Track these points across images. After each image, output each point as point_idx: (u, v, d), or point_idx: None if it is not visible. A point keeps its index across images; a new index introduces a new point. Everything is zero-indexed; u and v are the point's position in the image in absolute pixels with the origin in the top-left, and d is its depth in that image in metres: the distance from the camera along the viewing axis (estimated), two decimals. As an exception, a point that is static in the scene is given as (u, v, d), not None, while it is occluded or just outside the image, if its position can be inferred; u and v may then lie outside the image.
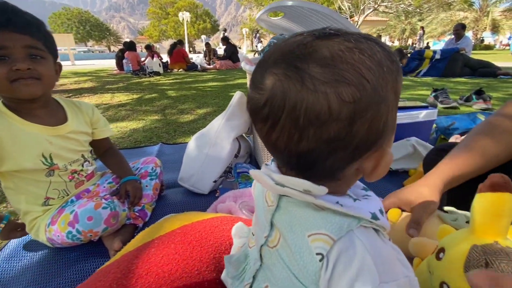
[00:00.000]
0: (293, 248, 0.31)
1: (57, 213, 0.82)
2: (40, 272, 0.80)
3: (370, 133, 0.27)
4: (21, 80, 0.71)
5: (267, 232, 0.35)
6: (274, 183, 0.30)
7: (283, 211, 0.34)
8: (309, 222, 0.30)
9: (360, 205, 0.30)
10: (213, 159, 1.14)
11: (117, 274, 0.53)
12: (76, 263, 0.83)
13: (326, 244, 0.28)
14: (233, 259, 0.43)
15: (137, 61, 6.66)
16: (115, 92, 3.96)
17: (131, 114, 2.64)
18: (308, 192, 0.29)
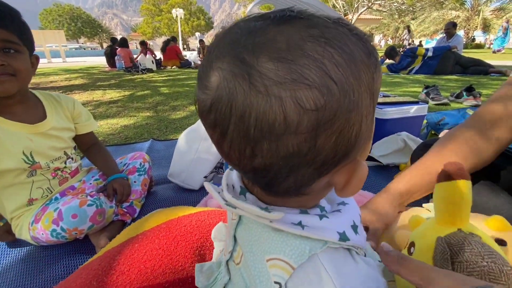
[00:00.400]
0: (252, 270, 0.28)
1: (41, 210, 0.80)
2: (24, 269, 0.78)
3: (338, 147, 0.21)
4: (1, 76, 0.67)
5: (231, 247, 0.33)
6: (225, 203, 0.27)
7: (244, 227, 0.31)
8: (267, 244, 0.27)
9: (327, 224, 0.27)
10: (204, 154, 1.13)
11: (98, 271, 0.52)
12: (61, 259, 0.81)
13: (285, 273, 0.25)
14: (205, 268, 0.40)
15: (129, 58, 6.57)
16: (107, 89, 3.89)
17: (122, 111, 2.60)
18: (260, 218, 0.26)
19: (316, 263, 0.25)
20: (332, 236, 0.26)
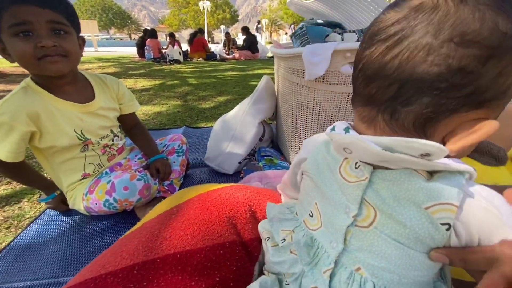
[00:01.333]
0: (407, 222, 0.29)
1: (94, 183, 0.86)
2: (75, 236, 0.85)
3: (493, 83, 0.24)
4: (48, 57, 0.69)
5: (355, 211, 0.32)
6: (382, 148, 0.26)
7: (379, 187, 0.30)
8: (421, 194, 0.28)
9: (451, 161, 0.28)
10: (239, 140, 1.16)
11: (142, 238, 0.55)
12: (109, 230, 0.88)
13: (450, 213, 0.27)
14: (302, 243, 0.38)
15: (158, 48, 6.76)
16: (138, 77, 4.05)
17: (154, 99, 2.70)
18: (425, 157, 0.26)
19: (471, 195, 0.27)
20: (465, 167, 0.28)
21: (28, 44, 0.66)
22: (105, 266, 0.49)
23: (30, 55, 0.67)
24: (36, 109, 0.73)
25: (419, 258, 0.30)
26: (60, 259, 0.76)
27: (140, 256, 0.50)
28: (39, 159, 0.85)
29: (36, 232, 0.85)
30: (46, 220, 0.91)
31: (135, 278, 0.46)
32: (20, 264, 0.74)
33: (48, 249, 0.79)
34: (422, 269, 0.30)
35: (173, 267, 0.48)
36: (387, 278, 0.31)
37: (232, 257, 0.51)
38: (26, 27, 0.66)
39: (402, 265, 0.30)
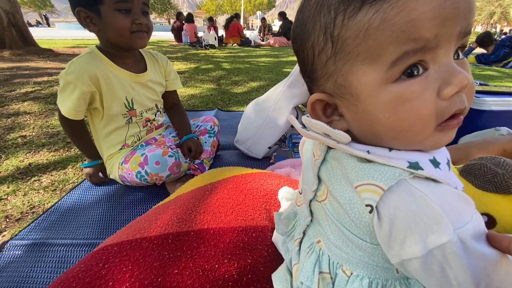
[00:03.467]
0: (341, 201, 0.29)
1: (130, 153, 0.90)
2: (110, 204, 0.90)
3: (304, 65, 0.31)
4: (139, 32, 0.80)
5: (315, 186, 0.34)
6: (301, 126, 0.29)
7: (329, 164, 0.32)
8: (355, 173, 0.28)
9: (397, 154, 0.26)
10: (271, 125, 1.12)
11: (176, 210, 0.57)
12: (142, 201, 0.91)
13: (375, 195, 0.25)
14: (283, 216, 0.43)
15: (194, 33, 6.85)
16: (174, 61, 4.15)
17: (189, 81, 2.76)
18: (328, 137, 0.27)
19: (406, 186, 0.25)
20: (399, 163, 0.25)
21: (127, 19, 0.77)
22: (140, 231, 0.50)
23: (127, 29, 0.78)
24: (96, 72, 0.81)
25: (356, 241, 0.29)
26: (96, 224, 0.80)
27: (174, 227, 0.51)
28: (91, 128, 0.93)
29: (77, 197, 0.92)
30: (86, 187, 0.97)
31: (169, 247, 0.47)
32: (62, 223, 0.80)
33: (86, 213, 0.85)
34: (366, 252, 0.29)
35: (206, 242, 0.48)
36: (338, 254, 0.32)
37: (264, 241, 0.50)
38: (128, 4, 0.76)
39: (345, 244, 0.31)
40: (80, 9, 0.76)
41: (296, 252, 0.38)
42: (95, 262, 0.45)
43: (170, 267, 0.43)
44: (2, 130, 1.43)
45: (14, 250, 0.70)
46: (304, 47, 0.28)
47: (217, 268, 0.43)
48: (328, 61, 0.27)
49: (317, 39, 0.26)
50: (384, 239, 0.26)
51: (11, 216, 0.84)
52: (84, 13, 0.76)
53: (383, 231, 0.25)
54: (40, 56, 4.04)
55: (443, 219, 0.22)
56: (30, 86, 2.31)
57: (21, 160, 1.14)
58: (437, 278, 0.23)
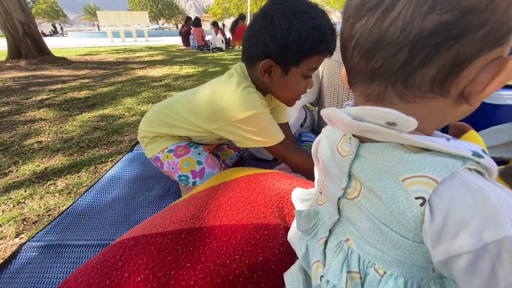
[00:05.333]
0: (383, 196, 0.27)
1: (183, 147, 0.87)
2: (123, 206, 0.91)
3: (506, 17, 0.21)
4: (299, 97, 0.78)
5: (345, 184, 0.32)
6: (351, 118, 0.26)
7: (364, 160, 0.30)
8: (401, 166, 0.26)
9: (456, 144, 0.25)
10: (279, 125, 1.12)
11: (190, 207, 0.58)
12: (155, 202, 0.92)
13: (428, 187, 0.24)
14: (304, 213, 0.41)
15: (202, 36, 6.94)
16: (183, 64, 4.21)
17: (197, 84, 2.78)
18: (392, 126, 0.25)
19: (460, 178, 0.23)
20: (465, 152, 0.24)
21: (303, 84, 0.74)
22: (155, 226, 0.52)
23: (300, 93, 0.77)
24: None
25: (396, 238, 0.27)
26: (109, 225, 0.82)
27: (188, 223, 0.52)
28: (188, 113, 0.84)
29: (91, 199, 0.94)
30: (99, 189, 0.99)
31: (183, 242, 0.48)
32: (76, 225, 0.82)
33: (100, 214, 0.87)
34: (405, 250, 0.28)
35: (218, 238, 0.48)
36: (371, 252, 0.30)
37: (275, 240, 0.50)
38: (314, 72, 0.74)
39: (381, 242, 0.29)
40: (269, 61, 0.70)
41: (321, 251, 0.36)
42: (112, 254, 0.47)
43: (183, 261, 0.44)
44: (20, 137, 1.48)
45: (31, 251, 0.72)
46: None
47: (228, 263, 0.44)
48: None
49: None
50: (433, 234, 0.24)
51: (28, 219, 0.86)
52: (269, 65, 0.70)
53: (435, 225, 0.24)
54: (54, 65, 4.18)
55: (501, 214, 0.21)
56: (45, 93, 2.39)
57: (37, 165, 1.18)
58: (483, 278, 0.22)
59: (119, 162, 1.16)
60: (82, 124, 1.65)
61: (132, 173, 1.08)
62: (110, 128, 1.59)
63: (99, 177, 1.07)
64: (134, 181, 1.04)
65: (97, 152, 1.29)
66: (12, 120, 1.73)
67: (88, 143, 1.39)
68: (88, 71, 3.60)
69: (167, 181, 1.03)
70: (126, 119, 1.77)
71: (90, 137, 1.46)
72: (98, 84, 2.81)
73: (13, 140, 1.43)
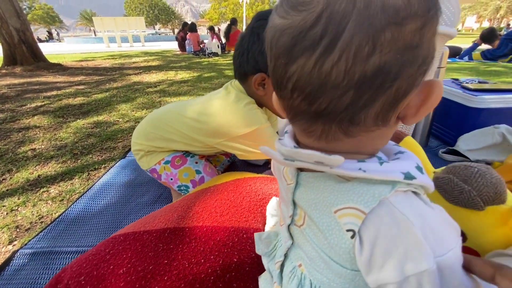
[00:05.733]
0: (320, 226, 0.28)
1: (179, 157, 0.88)
2: (115, 212, 0.93)
3: (430, 47, 0.22)
4: None
5: (291, 211, 0.33)
6: (283, 158, 0.27)
7: (303, 189, 0.30)
8: (333, 196, 0.27)
9: (388, 167, 0.25)
10: (269, 130, 1.15)
11: (178, 208, 0.62)
12: (145, 208, 0.94)
13: (357, 219, 0.24)
14: (264, 236, 0.42)
15: (197, 41, 6.98)
16: (178, 70, 4.24)
17: (192, 90, 2.81)
18: (320, 165, 0.25)
19: (388, 207, 0.24)
20: (395, 175, 0.24)
21: None
22: (145, 225, 0.56)
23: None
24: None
25: (336, 267, 0.28)
26: (101, 231, 0.84)
27: (173, 223, 0.56)
28: (190, 123, 0.85)
29: (83, 206, 0.95)
30: (92, 196, 1.01)
31: (165, 240, 0.51)
32: (69, 232, 0.84)
33: (92, 221, 0.88)
34: (347, 278, 0.28)
35: (198, 238, 0.51)
36: (319, 278, 0.31)
37: (253, 243, 0.52)
38: None
39: (326, 270, 0.30)
40: (262, 75, 0.72)
41: (277, 275, 0.37)
42: (103, 248, 0.51)
43: (162, 257, 0.48)
44: (14, 144, 1.49)
45: (23, 258, 0.74)
46: (437, 21, 0.25)
47: (202, 262, 0.47)
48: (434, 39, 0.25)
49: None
50: (364, 264, 0.25)
51: (21, 226, 0.88)
52: (262, 78, 0.73)
53: (364, 255, 0.25)
54: (50, 71, 4.19)
55: (423, 246, 0.22)
56: (40, 100, 2.40)
57: (31, 172, 1.19)
58: None
59: (112, 168, 1.18)
60: (76, 131, 1.67)
61: (125, 179, 1.10)
62: (104, 134, 1.61)
63: (92, 184, 1.08)
64: (126, 187, 1.06)
65: (90, 159, 1.31)
66: (7, 128, 1.74)
67: (82, 150, 1.41)
68: (83, 77, 3.62)
69: (159, 187, 1.05)
70: (120, 125, 1.78)
71: (84, 144, 1.48)
72: (93, 90, 2.83)
73: (7, 148, 1.44)
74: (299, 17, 0.22)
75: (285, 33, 0.23)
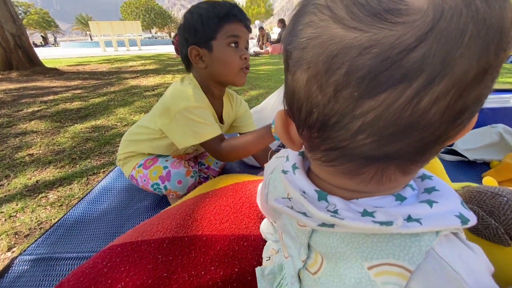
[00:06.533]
0: (346, 280, 0.24)
1: (151, 159, 0.89)
2: (114, 217, 0.92)
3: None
4: (245, 69, 0.78)
5: (304, 256, 0.28)
6: (318, 225, 0.22)
7: (323, 235, 0.26)
8: (365, 248, 0.22)
9: (440, 209, 0.21)
10: (268, 133, 1.15)
11: (177, 215, 0.60)
12: (144, 213, 0.93)
13: (401, 279, 0.20)
14: (267, 272, 0.37)
15: (194, 45, 7.00)
16: (175, 73, 4.24)
17: (189, 93, 2.81)
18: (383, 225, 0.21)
19: (436, 260, 0.20)
20: (454, 223, 0.20)
21: (236, 54, 0.76)
22: (142, 234, 0.54)
23: (238, 63, 0.76)
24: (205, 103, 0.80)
25: None
26: (100, 236, 0.83)
27: (171, 232, 0.54)
28: (143, 123, 0.91)
29: (81, 211, 0.94)
30: (91, 201, 1.00)
31: (164, 251, 0.50)
32: (67, 238, 0.83)
33: (91, 226, 0.87)
34: None
35: (197, 248, 0.50)
36: None
37: (255, 251, 0.52)
38: (237, 39, 0.75)
39: None
40: (193, 47, 0.75)
41: None
42: (100, 260, 0.49)
43: (161, 270, 0.46)
44: (11, 150, 1.48)
45: (23, 265, 0.73)
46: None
47: (203, 274, 0.46)
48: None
49: None
50: None
51: (20, 233, 0.87)
52: (196, 51, 0.75)
53: None
54: (46, 76, 4.17)
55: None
56: (36, 105, 2.39)
57: (29, 178, 1.18)
58: None
59: (111, 173, 1.17)
60: (74, 136, 1.66)
61: (124, 184, 1.10)
62: (102, 139, 1.60)
63: (91, 188, 1.07)
64: (125, 191, 1.05)
65: (89, 164, 1.30)
66: (3, 133, 1.72)
67: (80, 155, 1.40)
68: (80, 82, 3.60)
69: (159, 190, 1.05)
70: (118, 129, 1.78)
71: (82, 149, 1.47)
72: (91, 94, 2.82)
73: (4, 154, 1.43)
74: (393, 31, 0.15)
75: (366, 53, 0.16)
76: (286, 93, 0.23)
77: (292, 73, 0.20)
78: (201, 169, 1.08)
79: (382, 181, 0.21)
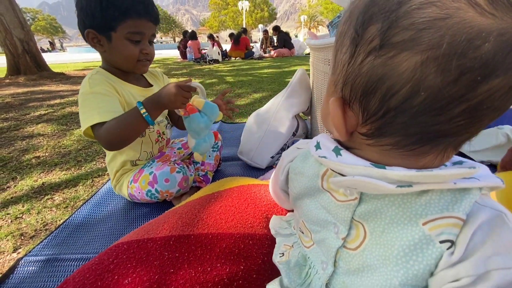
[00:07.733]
0: (397, 244, 0.25)
1: (138, 172, 0.93)
2: (119, 219, 0.92)
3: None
4: (144, 61, 0.83)
5: (345, 233, 0.29)
6: (396, 186, 0.23)
7: (371, 205, 0.27)
8: (419, 206, 0.25)
9: (483, 172, 0.25)
10: (272, 135, 1.15)
11: (182, 214, 0.61)
12: (149, 215, 0.94)
13: (454, 228, 0.23)
14: (292, 264, 0.37)
15: (198, 49, 7.06)
16: (180, 77, 4.28)
17: (193, 96, 2.83)
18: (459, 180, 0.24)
19: (482, 208, 0.23)
20: (497, 182, 0.24)
21: (136, 48, 0.80)
22: (148, 232, 0.55)
23: (135, 57, 0.81)
24: (114, 86, 0.82)
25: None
26: (105, 238, 0.83)
27: (177, 230, 0.55)
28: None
29: (87, 213, 0.95)
30: (96, 203, 1.01)
31: (170, 248, 0.50)
32: (73, 239, 0.83)
33: (96, 228, 0.88)
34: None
35: (203, 246, 0.50)
36: None
37: (260, 250, 0.52)
38: (139, 36, 0.79)
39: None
40: (90, 31, 0.77)
41: None
42: (106, 257, 0.50)
43: (167, 266, 0.47)
44: (18, 152, 1.50)
45: (28, 266, 0.73)
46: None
47: (209, 271, 0.46)
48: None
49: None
50: (447, 264, 0.23)
51: (25, 234, 0.88)
52: (93, 35, 0.78)
53: (453, 258, 0.23)
54: (53, 80, 4.23)
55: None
56: (43, 109, 2.43)
57: (35, 180, 1.20)
58: None
59: (116, 175, 1.18)
60: (80, 138, 1.68)
61: (129, 186, 1.10)
62: (108, 141, 1.62)
63: (96, 190, 1.08)
64: (130, 193, 1.06)
65: (94, 166, 1.32)
66: (11, 136, 1.75)
67: (86, 157, 1.41)
68: (86, 86, 3.65)
69: (163, 192, 1.05)
70: (123, 132, 1.79)
71: (87, 151, 1.49)
72: (96, 98, 2.85)
73: (12, 156, 1.45)
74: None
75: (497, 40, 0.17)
76: (357, 81, 0.23)
77: (386, 55, 0.20)
78: (198, 168, 1.08)
79: (442, 159, 0.24)
